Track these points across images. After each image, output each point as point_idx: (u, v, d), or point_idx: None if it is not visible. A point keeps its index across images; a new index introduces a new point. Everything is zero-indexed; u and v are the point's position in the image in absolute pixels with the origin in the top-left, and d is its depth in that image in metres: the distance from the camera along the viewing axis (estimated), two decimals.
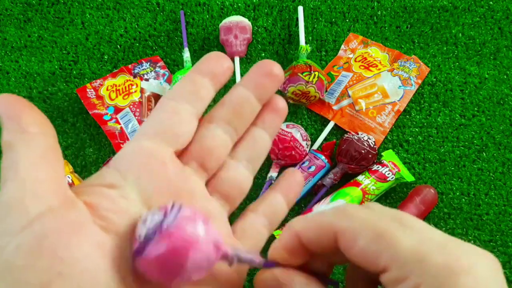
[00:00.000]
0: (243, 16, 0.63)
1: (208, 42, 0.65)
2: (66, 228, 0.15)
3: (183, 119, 0.21)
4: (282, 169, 0.56)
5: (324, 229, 0.18)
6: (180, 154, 0.21)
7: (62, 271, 0.15)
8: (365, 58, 0.62)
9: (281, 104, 0.23)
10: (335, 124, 0.59)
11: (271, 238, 0.21)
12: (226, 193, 0.22)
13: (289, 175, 0.24)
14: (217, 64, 0.23)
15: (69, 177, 0.53)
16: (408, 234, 0.16)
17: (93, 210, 0.17)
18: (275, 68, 0.22)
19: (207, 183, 0.22)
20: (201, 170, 0.21)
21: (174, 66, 0.63)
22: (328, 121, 0.59)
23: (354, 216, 0.17)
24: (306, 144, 0.56)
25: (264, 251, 0.21)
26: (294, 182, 0.24)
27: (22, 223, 0.15)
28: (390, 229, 0.16)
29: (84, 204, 0.17)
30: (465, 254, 0.15)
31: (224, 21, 0.62)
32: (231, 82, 0.62)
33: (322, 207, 0.53)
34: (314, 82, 0.55)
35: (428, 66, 0.62)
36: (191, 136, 0.21)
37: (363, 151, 0.53)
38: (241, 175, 0.22)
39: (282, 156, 0.54)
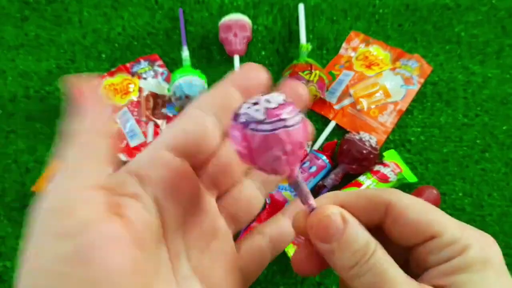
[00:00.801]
0: (243, 14, 0.62)
1: (207, 40, 0.64)
2: (105, 241, 0.16)
3: (208, 133, 0.20)
4: None
5: (374, 201, 0.19)
6: (196, 166, 0.21)
7: (95, 283, 0.15)
8: (367, 57, 0.61)
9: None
10: (336, 124, 0.58)
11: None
12: (235, 214, 0.22)
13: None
14: (253, 77, 0.21)
15: None
16: (448, 215, 0.19)
17: (126, 224, 0.17)
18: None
19: (218, 199, 0.22)
20: (213, 187, 0.21)
21: (173, 64, 0.62)
22: (329, 121, 0.59)
23: (403, 194, 0.19)
24: (307, 144, 0.55)
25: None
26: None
27: (66, 230, 0.15)
28: (434, 207, 0.19)
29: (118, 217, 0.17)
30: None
31: (223, 19, 0.61)
32: None
33: None
34: (315, 81, 0.54)
35: (430, 65, 0.61)
36: (213, 152, 0.21)
37: (364, 151, 0.52)
38: (252, 197, 0.22)
39: None
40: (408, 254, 0.19)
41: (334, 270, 0.19)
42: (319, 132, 0.58)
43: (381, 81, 0.59)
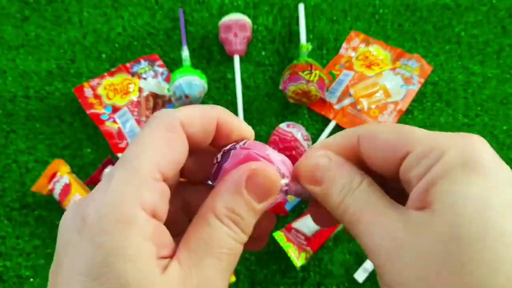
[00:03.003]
0: (243, 14, 0.62)
1: (208, 40, 0.64)
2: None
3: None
4: None
5: (347, 136, 0.20)
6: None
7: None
8: (367, 57, 0.61)
9: None
10: (337, 124, 0.58)
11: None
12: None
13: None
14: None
15: (66, 178, 0.52)
16: (421, 129, 0.18)
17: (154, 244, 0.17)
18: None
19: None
20: None
21: (173, 64, 0.62)
22: (329, 121, 0.59)
23: (371, 123, 0.21)
24: (307, 144, 0.55)
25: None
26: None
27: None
28: (405, 125, 0.19)
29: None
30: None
31: (223, 19, 0.61)
32: (231, 82, 0.61)
33: None
34: (315, 81, 0.54)
35: (430, 65, 0.61)
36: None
37: None
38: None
39: None
40: (399, 185, 0.19)
41: (330, 211, 0.20)
42: (319, 132, 0.58)
43: (381, 81, 0.59)
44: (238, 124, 0.21)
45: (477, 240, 0.15)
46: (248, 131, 0.22)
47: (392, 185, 0.20)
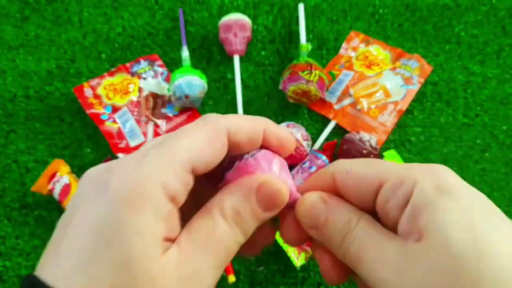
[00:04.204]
0: (243, 14, 0.62)
1: (207, 40, 0.64)
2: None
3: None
4: None
5: (323, 178, 0.21)
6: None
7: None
8: (367, 57, 0.61)
9: None
10: (336, 124, 0.58)
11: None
12: None
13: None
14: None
15: (66, 178, 0.52)
16: (391, 161, 0.20)
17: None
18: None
19: None
20: None
21: (173, 64, 0.62)
22: (329, 121, 0.59)
23: (343, 160, 0.21)
24: (307, 144, 0.55)
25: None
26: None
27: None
28: (376, 160, 0.20)
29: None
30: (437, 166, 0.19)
31: (223, 19, 0.61)
32: (231, 82, 0.61)
33: None
34: (315, 81, 0.54)
35: (430, 65, 0.61)
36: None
37: (364, 151, 0.52)
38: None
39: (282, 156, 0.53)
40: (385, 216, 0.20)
41: (333, 252, 0.20)
42: (319, 132, 0.58)
43: (381, 81, 0.59)
44: (285, 136, 0.22)
45: (472, 266, 0.16)
46: (292, 142, 0.23)
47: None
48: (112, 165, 0.18)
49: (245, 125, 0.20)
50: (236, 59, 0.60)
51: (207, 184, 0.23)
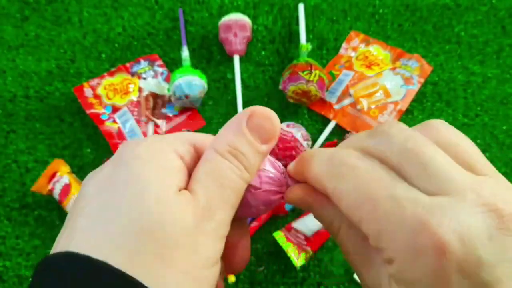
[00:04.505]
0: (243, 14, 0.62)
1: (207, 40, 0.64)
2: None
3: None
4: None
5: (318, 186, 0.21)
6: None
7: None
8: (367, 57, 0.61)
9: None
10: (337, 124, 0.58)
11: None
12: None
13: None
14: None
15: (66, 178, 0.52)
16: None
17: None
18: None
19: None
20: None
21: (173, 64, 0.62)
22: (329, 121, 0.59)
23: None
24: (307, 144, 0.55)
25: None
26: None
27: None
28: None
29: None
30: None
31: (223, 19, 0.61)
32: (231, 82, 0.61)
33: None
34: (315, 81, 0.54)
35: (430, 65, 0.61)
36: None
37: None
38: None
39: (282, 156, 0.53)
40: None
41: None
42: (319, 132, 0.58)
43: (381, 81, 0.59)
44: (203, 139, 0.24)
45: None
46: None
47: None
48: (138, 140, 0.20)
49: (208, 139, 0.22)
50: (236, 59, 0.60)
51: None
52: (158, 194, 0.17)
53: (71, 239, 0.17)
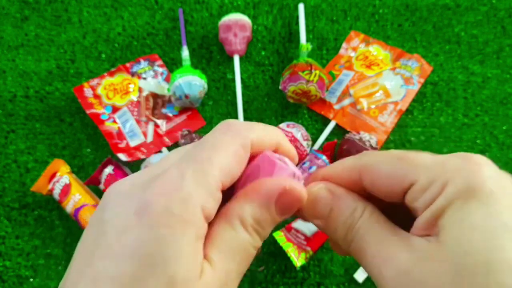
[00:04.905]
0: (243, 14, 0.62)
1: (207, 40, 0.64)
2: None
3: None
4: None
5: (349, 168, 0.20)
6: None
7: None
8: (367, 57, 0.61)
9: None
10: (336, 124, 0.58)
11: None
12: None
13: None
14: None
15: (66, 178, 0.52)
16: (423, 155, 0.18)
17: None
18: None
19: None
20: None
21: (173, 64, 0.62)
22: (329, 121, 0.59)
23: (372, 153, 0.20)
24: (307, 144, 0.55)
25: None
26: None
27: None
28: (407, 152, 0.19)
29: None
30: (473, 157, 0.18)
31: (223, 19, 0.61)
32: (231, 82, 0.61)
33: None
34: (315, 81, 0.54)
35: (430, 65, 0.61)
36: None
37: (364, 151, 0.52)
38: None
39: None
40: (404, 208, 0.19)
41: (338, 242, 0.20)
42: (319, 132, 0.58)
43: (381, 81, 0.59)
44: (289, 149, 0.22)
45: (483, 273, 0.15)
46: (295, 156, 0.23)
47: (397, 209, 0.20)
48: (151, 184, 0.17)
49: (266, 138, 0.20)
50: (236, 59, 0.60)
51: None
52: (183, 277, 0.16)
53: None
